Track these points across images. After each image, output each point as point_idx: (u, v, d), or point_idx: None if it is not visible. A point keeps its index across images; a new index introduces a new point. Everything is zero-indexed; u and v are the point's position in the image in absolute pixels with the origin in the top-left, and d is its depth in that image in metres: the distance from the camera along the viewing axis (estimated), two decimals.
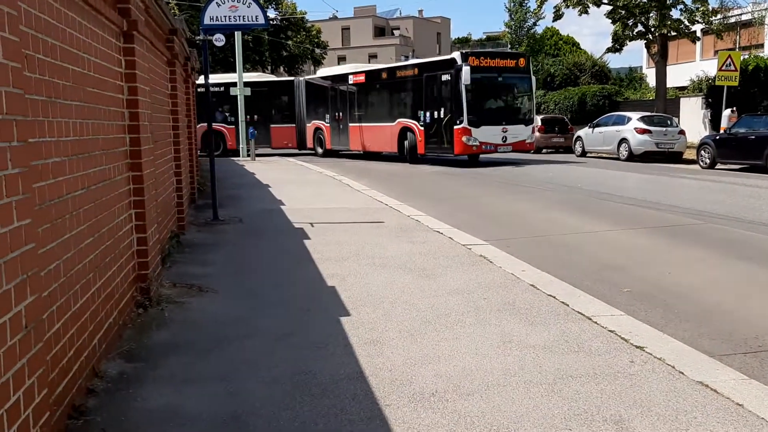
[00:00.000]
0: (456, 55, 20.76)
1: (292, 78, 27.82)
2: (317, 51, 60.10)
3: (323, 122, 27.02)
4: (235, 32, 24.63)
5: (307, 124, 27.92)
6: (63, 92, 3.55)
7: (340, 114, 25.84)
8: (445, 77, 20.64)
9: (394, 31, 75.78)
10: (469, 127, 20.03)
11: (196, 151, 14.45)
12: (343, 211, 10.99)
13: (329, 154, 26.96)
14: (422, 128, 21.58)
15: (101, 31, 4.52)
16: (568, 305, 5.37)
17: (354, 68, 26.66)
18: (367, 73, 25.10)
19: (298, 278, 6.49)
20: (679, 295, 6.10)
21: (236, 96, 26.67)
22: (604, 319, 5.00)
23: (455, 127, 20.14)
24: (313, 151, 28.07)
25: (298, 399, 3.65)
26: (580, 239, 8.81)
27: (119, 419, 3.46)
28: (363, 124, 24.74)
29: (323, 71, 30.03)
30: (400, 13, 78.50)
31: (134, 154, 5.25)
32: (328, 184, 15.73)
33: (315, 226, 9.47)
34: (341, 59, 70.56)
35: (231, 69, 46.54)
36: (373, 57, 68.70)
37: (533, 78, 22.17)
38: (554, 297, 5.61)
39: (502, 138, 20.56)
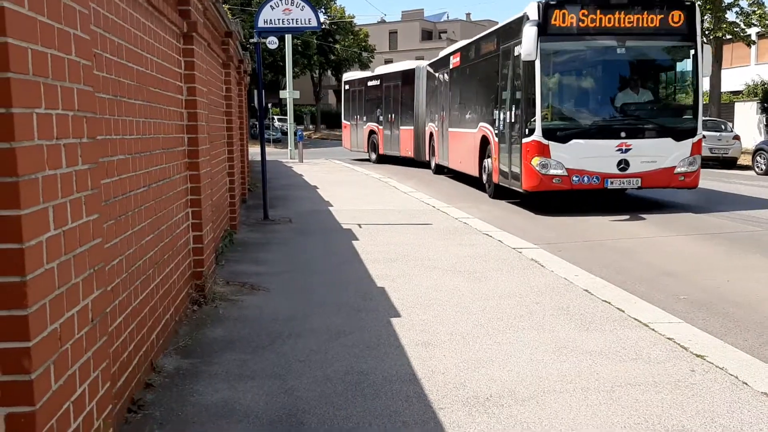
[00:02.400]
0: (530, 7, 11.18)
1: (413, 66, 22.03)
2: (364, 55, 60.42)
3: (434, 125, 19.49)
4: (286, 35, 24.89)
5: (425, 128, 20.78)
6: (128, 91, 3.63)
7: (443, 114, 18.10)
8: (516, 51, 11.62)
9: (442, 35, 75.60)
10: (545, 142, 10.90)
11: (247, 152, 14.66)
12: (390, 212, 11.00)
13: (439, 171, 19.30)
14: (496, 139, 12.94)
15: (163, 31, 4.61)
16: (623, 311, 5.25)
17: (457, 46, 17.60)
18: (462, 51, 16.45)
19: (348, 278, 6.50)
20: (739, 303, 5.91)
21: (388, 90, 23.66)
22: (661, 327, 4.87)
23: (523, 140, 11.33)
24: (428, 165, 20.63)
25: (351, 399, 3.65)
26: (633, 245, 8.62)
27: (177, 414, 3.51)
28: (452, 130, 17.09)
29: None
30: (448, 17, 78.35)
31: (192, 153, 5.34)
32: (373, 185, 15.76)
33: (363, 227, 9.49)
34: (388, 62, 70.80)
35: (279, 72, 47.23)
36: (420, 60, 68.67)
37: (699, 46, 11.65)
38: (609, 303, 5.50)
39: (619, 163, 11.16)
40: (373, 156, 25.37)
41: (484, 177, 13.96)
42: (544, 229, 9.75)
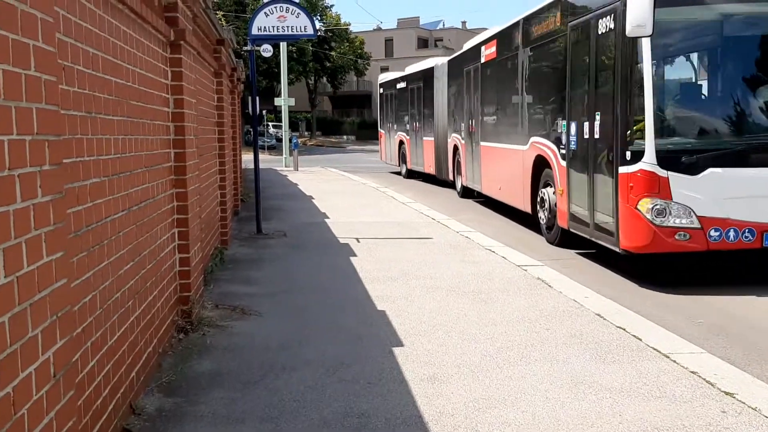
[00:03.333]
0: None
1: (431, 64, 18.03)
2: (360, 62, 60.19)
3: (458, 136, 15.33)
4: (281, 43, 24.59)
5: (448, 140, 16.39)
6: (104, 106, 3.29)
7: (472, 122, 13.96)
8: (604, 26, 7.58)
9: (438, 43, 75.44)
10: (662, 173, 6.70)
11: (240, 161, 14.30)
12: (388, 225, 10.65)
13: (468, 194, 15.03)
14: (563, 163, 8.75)
15: (147, 40, 4.27)
16: (641, 339, 4.91)
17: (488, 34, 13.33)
18: (499, 39, 12.10)
19: (346, 300, 6.15)
20: (759, 328, 5.58)
21: (412, 93, 19.80)
22: (682, 357, 4.53)
23: (621, 168, 7.06)
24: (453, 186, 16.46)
25: None
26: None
27: None
28: (486, 144, 12.89)
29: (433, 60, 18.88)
30: (444, 25, 78.21)
31: (179, 170, 4.99)
32: (371, 195, 15.42)
33: (361, 241, 9.15)
34: (384, 69, 70.63)
35: (274, 79, 46.93)
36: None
37: None
38: (624, 329, 5.16)
39: None
40: (403, 169, 21.54)
41: (542, 215, 9.48)
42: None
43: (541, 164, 9.68)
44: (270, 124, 49.94)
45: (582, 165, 8.10)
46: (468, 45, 14.85)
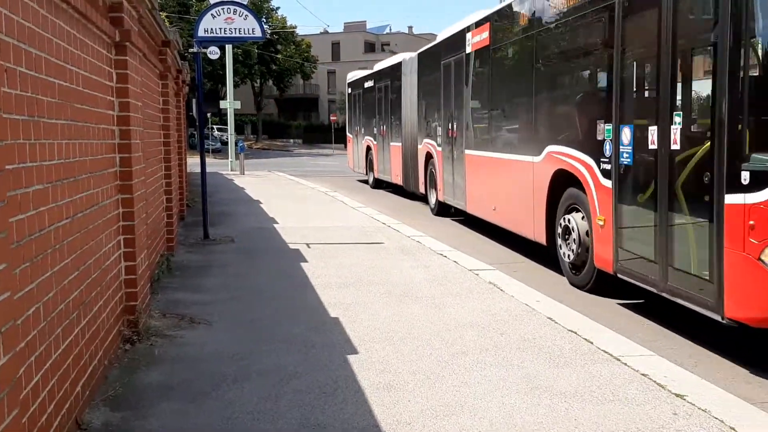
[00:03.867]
0: None
1: (399, 59, 15.83)
2: (307, 65, 59.91)
3: (433, 142, 13.07)
4: (226, 45, 24.23)
5: (419, 146, 14.21)
6: (48, 110, 3.14)
7: (455, 126, 11.68)
8: None
9: (384, 47, 75.72)
10: None
11: (185, 165, 14.01)
12: (339, 230, 10.58)
13: (444, 210, 12.91)
14: (606, 183, 6.33)
15: (91, 41, 4.11)
16: (592, 342, 4.97)
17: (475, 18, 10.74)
18: (496, 21, 9.83)
19: (298, 307, 6.06)
20: (703, 329, 5.72)
21: (380, 92, 17.66)
22: (633, 360, 4.61)
23: (729, 198, 4.56)
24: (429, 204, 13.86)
25: None
26: None
27: None
28: (476, 153, 10.59)
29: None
30: (390, 30, 78.54)
31: (124, 175, 4.82)
32: (321, 200, 15.31)
33: (311, 246, 9.05)
34: (331, 73, 70.51)
35: (219, 81, 46.30)
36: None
37: None
38: (575, 332, 5.22)
39: None
40: (371, 178, 19.58)
41: (565, 250, 7.29)
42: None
43: (563, 182, 7.40)
44: (215, 127, 49.20)
45: (641, 187, 5.83)
46: (446, 33, 12.20)
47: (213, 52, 22.85)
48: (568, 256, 7.26)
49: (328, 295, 6.38)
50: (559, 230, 7.47)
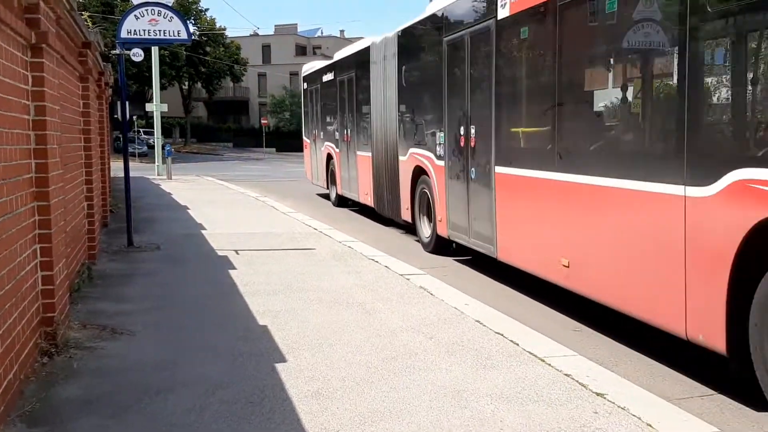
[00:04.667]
0: None
1: (367, 43, 12.55)
2: (237, 67, 59.13)
3: (430, 155, 9.49)
4: (152, 47, 23.64)
5: (402, 158, 10.67)
6: None
7: (471, 131, 8.05)
8: None
9: (316, 50, 75.55)
10: None
11: (108, 170, 13.58)
12: (269, 236, 10.46)
13: (444, 245, 9.41)
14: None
15: (5, 43, 3.93)
16: (518, 344, 5.08)
17: None
18: None
19: (225, 315, 5.95)
20: (624, 327, 5.92)
21: (343, 87, 14.18)
22: (557, 361, 4.73)
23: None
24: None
25: None
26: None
27: None
28: (515, 172, 6.93)
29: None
30: (322, 33, 78.47)
31: (41, 181, 4.63)
32: (251, 205, 15.12)
33: (240, 253, 8.92)
34: (261, 76, 69.80)
35: (146, 83, 45.13)
36: (294, 75, 68.21)
37: None
38: (502, 335, 5.32)
39: None
40: (332, 193, 15.81)
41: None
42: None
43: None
44: (141, 130, 47.95)
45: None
46: None
47: (136, 54, 22.18)
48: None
49: (257, 303, 6.29)
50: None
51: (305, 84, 18.51)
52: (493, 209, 7.41)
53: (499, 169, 7.25)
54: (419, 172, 9.87)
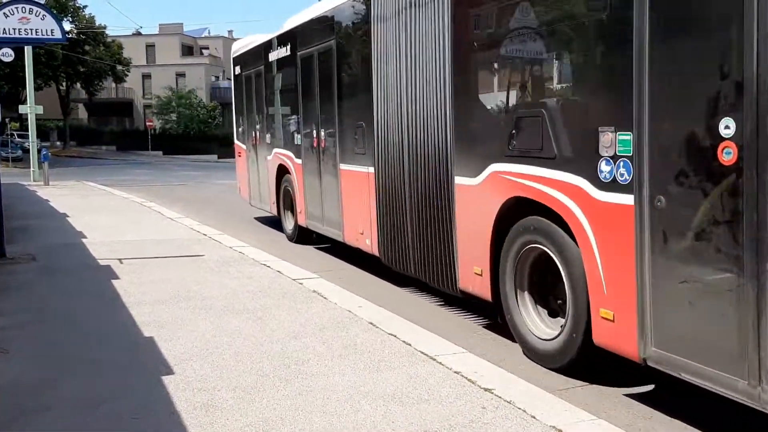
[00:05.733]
0: None
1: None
2: (119, 68, 56.74)
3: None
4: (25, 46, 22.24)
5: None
6: None
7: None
8: None
9: (203, 51, 73.69)
10: None
11: None
12: (155, 243, 10.10)
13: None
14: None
15: None
16: (410, 345, 5.16)
17: None
18: None
19: (108, 328, 5.70)
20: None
21: (309, 66, 9.43)
22: (447, 359, 4.85)
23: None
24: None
25: None
26: None
27: None
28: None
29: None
30: (209, 33, 76.58)
31: None
32: (135, 211, 14.53)
33: (124, 262, 8.55)
34: (146, 77, 67.29)
35: (19, 84, 42.43)
36: (180, 75, 66.28)
37: None
38: (395, 336, 5.39)
39: None
40: (288, 223, 11.15)
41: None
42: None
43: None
44: (15, 133, 45.05)
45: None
46: None
47: (6, 54, 20.76)
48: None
49: (143, 314, 6.06)
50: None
51: (237, 68, 13.63)
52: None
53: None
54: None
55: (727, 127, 3.39)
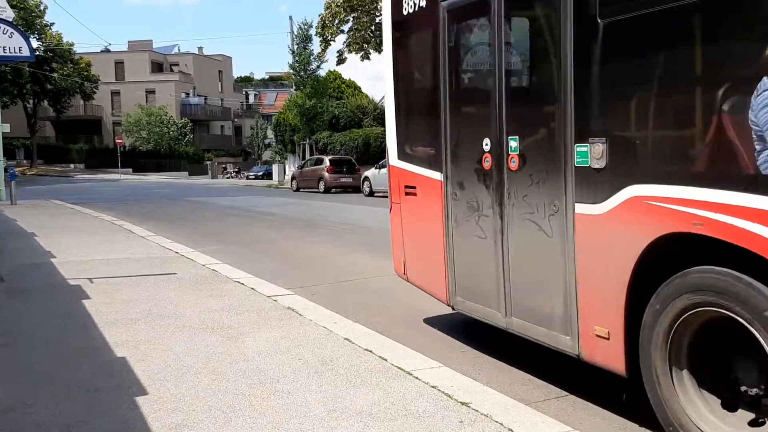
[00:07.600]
0: None
1: None
2: (87, 85, 56.18)
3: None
4: None
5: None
6: None
7: None
8: None
9: (173, 67, 73.29)
10: None
11: None
12: (127, 262, 9.97)
13: None
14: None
15: None
16: (386, 360, 5.15)
17: None
18: None
19: (80, 349, 5.59)
20: (491, 334, 6.19)
21: None
22: (423, 373, 4.84)
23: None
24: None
25: None
26: (387, 283, 8.74)
27: None
28: None
29: None
30: (179, 50, 76.15)
31: None
32: (106, 230, 14.34)
33: (95, 281, 8.42)
34: (115, 94, 66.71)
35: None
36: (150, 92, 65.82)
37: None
38: (371, 351, 5.38)
39: None
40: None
41: None
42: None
43: None
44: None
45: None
46: None
47: None
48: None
49: (115, 334, 5.97)
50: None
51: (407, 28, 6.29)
52: None
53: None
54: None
55: None
